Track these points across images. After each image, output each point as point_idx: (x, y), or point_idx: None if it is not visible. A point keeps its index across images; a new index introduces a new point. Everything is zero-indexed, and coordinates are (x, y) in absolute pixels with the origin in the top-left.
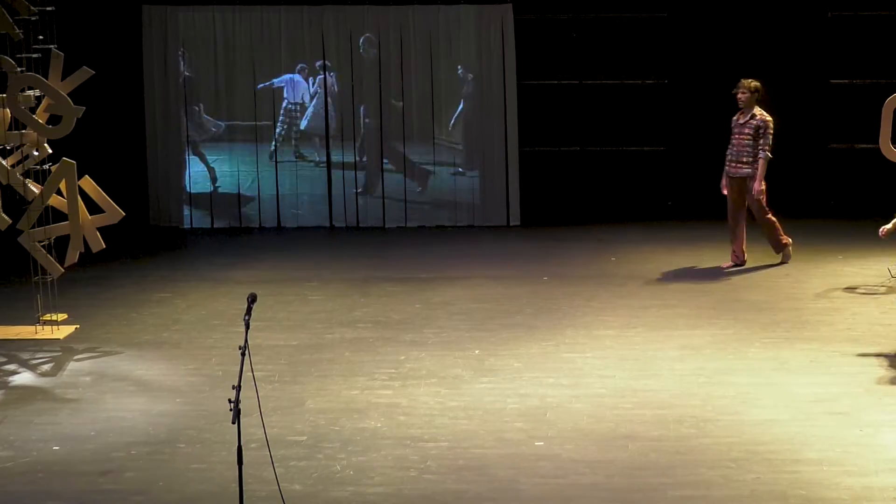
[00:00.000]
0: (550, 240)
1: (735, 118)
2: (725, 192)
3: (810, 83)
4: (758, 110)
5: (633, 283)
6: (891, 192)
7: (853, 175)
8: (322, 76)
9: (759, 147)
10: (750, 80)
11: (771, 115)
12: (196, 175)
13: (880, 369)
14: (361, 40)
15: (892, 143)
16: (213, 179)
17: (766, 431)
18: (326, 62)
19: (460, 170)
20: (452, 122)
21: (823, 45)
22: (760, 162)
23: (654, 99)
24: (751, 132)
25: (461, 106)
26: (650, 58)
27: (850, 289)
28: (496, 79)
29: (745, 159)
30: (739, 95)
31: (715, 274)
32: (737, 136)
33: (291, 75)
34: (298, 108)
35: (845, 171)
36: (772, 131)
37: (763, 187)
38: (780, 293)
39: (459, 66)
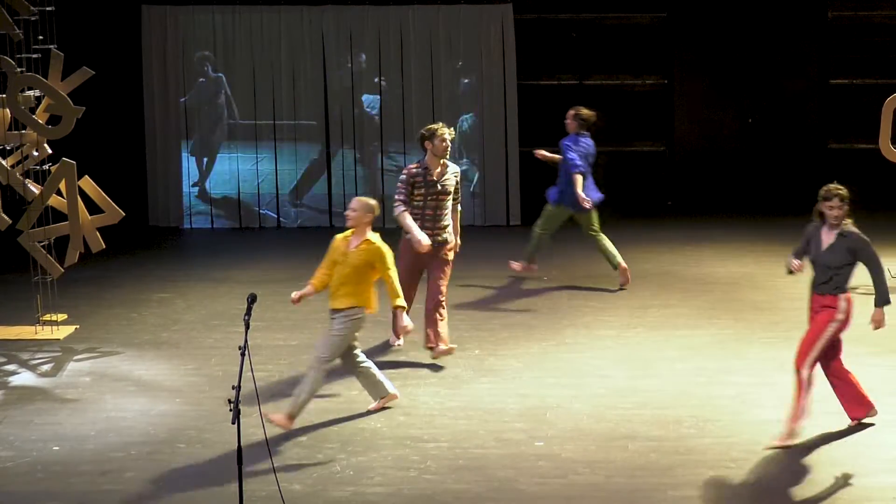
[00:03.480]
0: (550, 240)
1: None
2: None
3: (810, 83)
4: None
5: (634, 283)
6: (891, 192)
7: (853, 175)
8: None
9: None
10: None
11: (771, 115)
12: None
13: (880, 369)
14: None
15: (892, 143)
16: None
17: (766, 431)
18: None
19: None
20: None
21: (823, 45)
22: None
23: (654, 99)
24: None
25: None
26: (650, 58)
27: (850, 289)
28: (496, 79)
29: None
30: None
31: (715, 274)
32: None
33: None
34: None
35: (845, 171)
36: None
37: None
38: (780, 293)
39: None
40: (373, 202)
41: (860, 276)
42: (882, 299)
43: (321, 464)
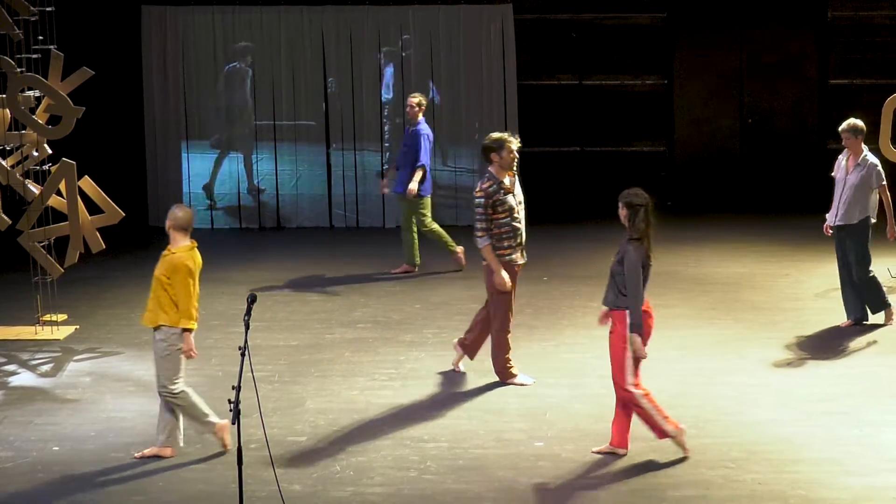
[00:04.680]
0: (550, 240)
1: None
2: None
3: (810, 83)
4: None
5: None
6: (891, 192)
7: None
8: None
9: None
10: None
11: (770, 115)
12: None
13: (880, 369)
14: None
15: (892, 143)
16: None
17: (766, 431)
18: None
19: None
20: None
21: (823, 45)
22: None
23: (654, 99)
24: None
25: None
26: (650, 58)
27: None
28: (496, 79)
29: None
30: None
31: (715, 274)
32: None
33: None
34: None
35: None
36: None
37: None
38: (780, 293)
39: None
40: (178, 210)
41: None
42: (633, 326)
43: (321, 464)
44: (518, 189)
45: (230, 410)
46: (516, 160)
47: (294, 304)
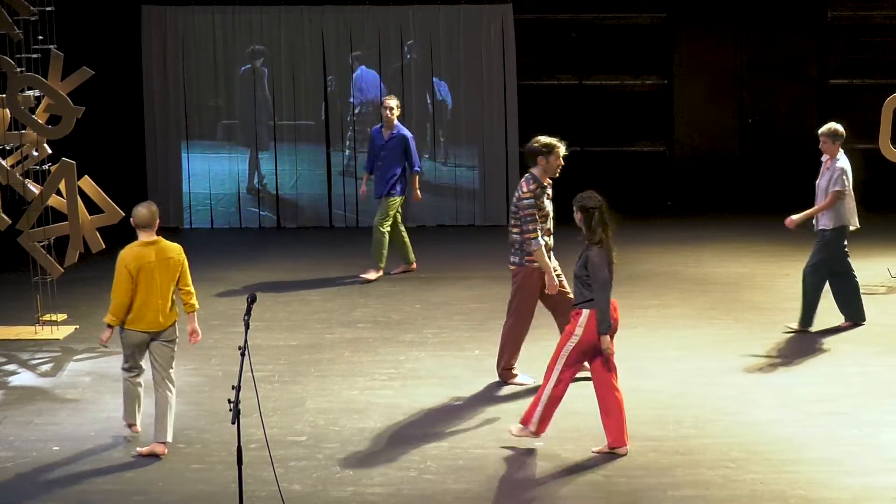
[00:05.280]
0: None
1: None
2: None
3: (810, 83)
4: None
5: (633, 283)
6: (891, 192)
7: (852, 175)
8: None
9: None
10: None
11: (770, 115)
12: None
13: (880, 369)
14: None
15: (892, 143)
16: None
17: (766, 431)
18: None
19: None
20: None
21: (823, 45)
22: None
23: (654, 99)
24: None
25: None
26: (650, 58)
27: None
28: (496, 79)
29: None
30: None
31: (715, 274)
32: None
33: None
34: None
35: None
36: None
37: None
38: (780, 293)
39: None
40: (140, 207)
41: (859, 276)
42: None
43: (321, 464)
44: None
45: (230, 410)
46: (560, 168)
47: (294, 304)
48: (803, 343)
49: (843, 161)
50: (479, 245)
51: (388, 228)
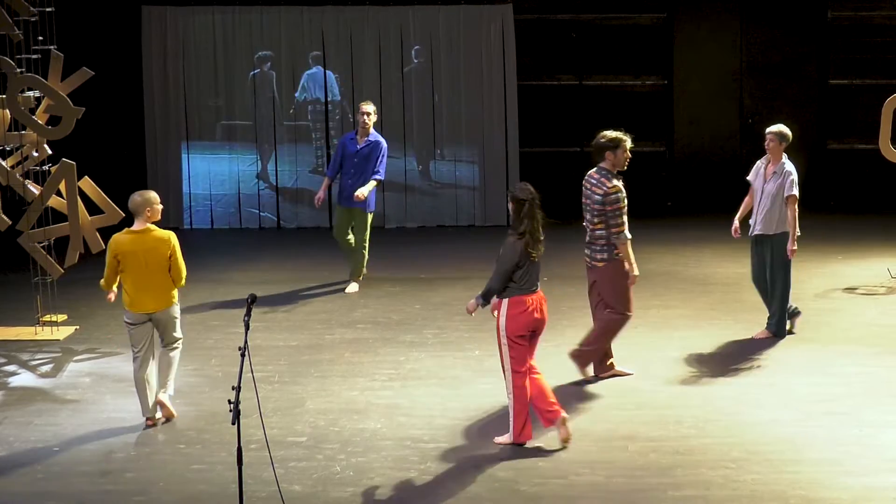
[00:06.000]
0: (550, 240)
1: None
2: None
3: (810, 83)
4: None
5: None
6: (890, 192)
7: (852, 175)
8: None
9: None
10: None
11: (770, 115)
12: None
13: (880, 369)
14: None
15: (892, 143)
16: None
17: (767, 432)
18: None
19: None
20: None
21: (823, 45)
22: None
23: (654, 99)
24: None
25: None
26: (650, 58)
27: (850, 289)
28: (496, 79)
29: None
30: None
31: (715, 274)
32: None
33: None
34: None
35: (844, 171)
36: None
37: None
38: None
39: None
40: (134, 195)
41: (859, 276)
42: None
43: (321, 464)
44: None
45: (230, 411)
46: (629, 161)
47: (294, 305)
48: (802, 343)
49: (790, 165)
50: (479, 245)
51: (364, 244)
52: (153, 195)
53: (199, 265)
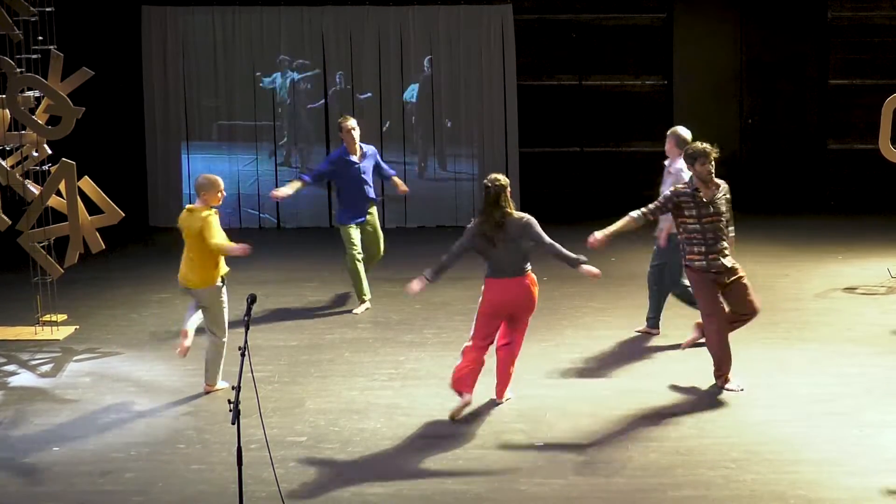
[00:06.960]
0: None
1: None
2: None
3: (810, 83)
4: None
5: (633, 283)
6: (890, 192)
7: (852, 175)
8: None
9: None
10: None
11: (770, 116)
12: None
13: (880, 369)
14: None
15: (892, 143)
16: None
17: (766, 432)
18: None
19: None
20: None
21: (823, 45)
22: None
23: (654, 99)
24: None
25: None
26: (650, 58)
27: (850, 289)
28: (496, 79)
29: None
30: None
31: None
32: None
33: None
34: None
35: (844, 171)
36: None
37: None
38: (780, 293)
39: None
40: (199, 177)
41: (859, 276)
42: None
43: (321, 464)
44: (721, 198)
45: (230, 411)
46: (711, 174)
47: (294, 305)
48: (802, 343)
49: (680, 164)
50: None
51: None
52: (210, 182)
53: None
